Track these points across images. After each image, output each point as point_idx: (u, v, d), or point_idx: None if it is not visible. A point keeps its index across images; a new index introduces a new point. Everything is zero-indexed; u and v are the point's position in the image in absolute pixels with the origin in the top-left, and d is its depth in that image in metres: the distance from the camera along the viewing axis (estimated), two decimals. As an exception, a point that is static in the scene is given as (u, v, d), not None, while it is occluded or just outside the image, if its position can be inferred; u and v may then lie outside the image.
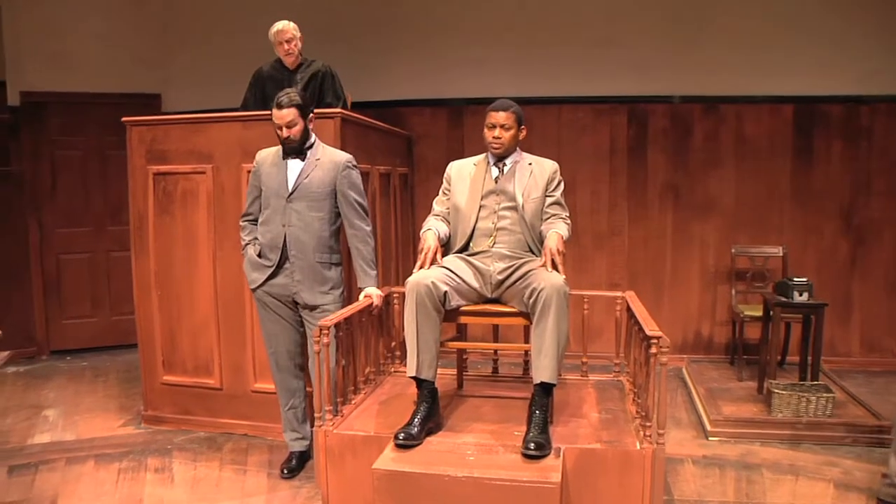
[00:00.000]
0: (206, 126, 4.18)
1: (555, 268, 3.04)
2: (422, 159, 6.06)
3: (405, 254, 5.48)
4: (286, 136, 3.45)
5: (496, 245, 3.29)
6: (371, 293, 3.57)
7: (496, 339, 3.97)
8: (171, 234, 4.28)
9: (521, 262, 3.22)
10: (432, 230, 3.33)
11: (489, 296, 3.27)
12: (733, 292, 5.58)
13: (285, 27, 4.52)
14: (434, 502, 2.69)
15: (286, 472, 3.67)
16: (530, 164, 3.42)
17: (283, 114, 3.41)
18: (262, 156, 3.62)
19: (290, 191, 3.49)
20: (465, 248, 3.35)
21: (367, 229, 3.62)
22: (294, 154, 3.51)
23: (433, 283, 3.04)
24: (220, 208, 4.17)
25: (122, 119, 4.31)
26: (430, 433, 3.03)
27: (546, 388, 2.97)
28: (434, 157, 5.94)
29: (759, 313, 5.04)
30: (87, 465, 3.91)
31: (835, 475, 3.70)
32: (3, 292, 5.99)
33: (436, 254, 3.23)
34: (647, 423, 2.91)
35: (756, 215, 5.72)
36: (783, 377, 4.81)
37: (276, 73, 4.67)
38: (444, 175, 3.55)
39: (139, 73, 6.21)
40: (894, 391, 4.97)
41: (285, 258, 3.51)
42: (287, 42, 4.54)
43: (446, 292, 3.09)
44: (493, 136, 3.33)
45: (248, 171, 4.03)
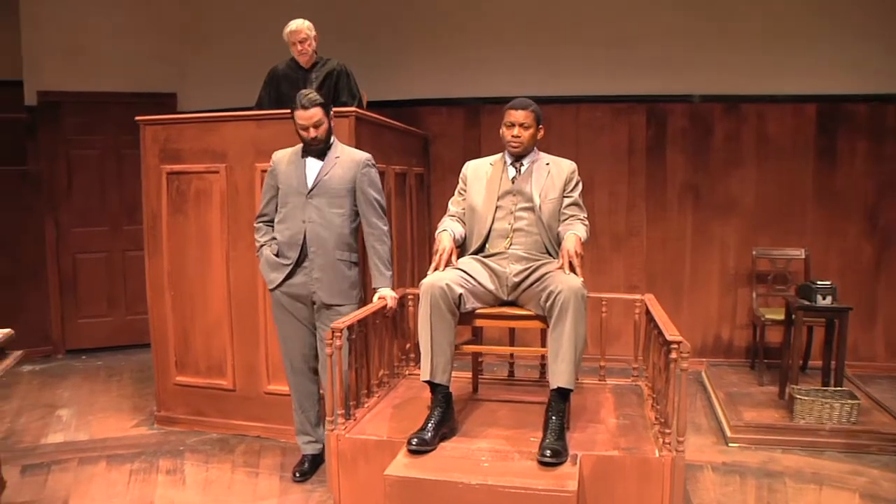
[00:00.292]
0: (219, 125, 4.15)
1: (572, 270, 2.97)
2: (438, 159, 6.00)
3: (420, 254, 5.43)
4: (313, 137, 3.41)
5: (512, 246, 3.23)
6: (385, 295, 3.52)
7: (512, 342, 3.91)
8: (184, 233, 4.25)
9: (538, 264, 3.15)
10: (447, 231, 3.27)
11: (505, 298, 3.20)
12: (754, 295, 5.48)
13: (299, 27, 4.47)
14: (447, 510, 2.64)
15: (298, 475, 3.63)
16: (548, 164, 3.35)
17: (309, 114, 3.37)
18: (279, 155, 3.58)
19: (311, 187, 3.45)
20: (480, 250, 3.29)
21: (385, 229, 3.58)
22: (318, 153, 3.47)
23: (448, 285, 2.98)
24: (234, 208, 4.14)
25: (136, 118, 4.29)
26: (444, 438, 2.97)
27: (563, 394, 2.90)
28: (450, 156, 5.88)
29: (780, 317, 4.93)
30: (99, 466, 3.90)
31: (861, 485, 3.60)
32: (20, 291, 6.02)
33: (451, 255, 3.17)
34: (667, 429, 2.84)
35: (777, 217, 5.62)
36: (805, 382, 4.71)
37: (290, 72, 4.63)
38: (460, 175, 3.49)
39: (155, 72, 6.21)
40: (921, 398, 4.85)
41: (304, 255, 3.46)
42: (301, 42, 4.49)
43: (461, 295, 3.02)
44: (512, 135, 3.27)
45: (263, 171, 4.01)
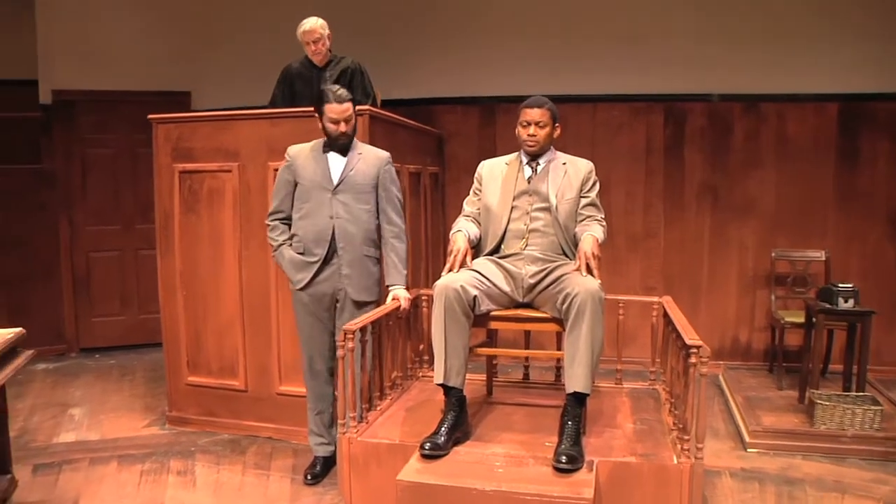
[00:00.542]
0: (232, 123, 4.12)
1: (589, 272, 2.91)
2: (453, 158, 5.95)
3: (435, 255, 5.37)
4: (343, 131, 3.37)
5: (528, 247, 3.18)
6: (399, 295, 3.47)
7: (527, 344, 3.85)
8: (196, 233, 4.22)
9: (555, 265, 3.09)
10: (462, 231, 3.22)
11: (520, 300, 3.15)
12: (773, 297, 5.39)
13: (313, 27, 4.42)
14: (461, 516, 2.59)
15: (310, 478, 3.58)
16: (564, 163, 3.30)
17: (343, 108, 3.34)
18: (296, 150, 3.52)
19: (337, 182, 3.40)
20: (496, 251, 3.24)
21: (403, 227, 3.54)
22: (341, 149, 3.43)
23: (462, 286, 2.93)
24: (247, 207, 4.10)
25: (149, 116, 4.27)
26: (458, 443, 2.92)
27: (579, 399, 2.84)
28: (465, 155, 5.82)
29: (800, 320, 4.85)
30: (110, 466, 3.87)
31: (885, 493, 3.51)
32: (34, 289, 6.03)
33: (465, 256, 3.13)
34: (685, 436, 2.78)
35: (797, 218, 5.52)
36: (826, 387, 4.62)
37: (304, 70, 4.59)
38: (475, 174, 3.44)
39: (169, 71, 6.19)
40: (944, 403, 4.75)
41: (333, 251, 3.40)
42: (315, 42, 4.45)
43: (476, 296, 2.98)
44: (528, 134, 3.21)
45: (275, 170, 3.96)
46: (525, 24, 5.79)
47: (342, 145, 3.43)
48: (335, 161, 3.44)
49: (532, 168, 3.29)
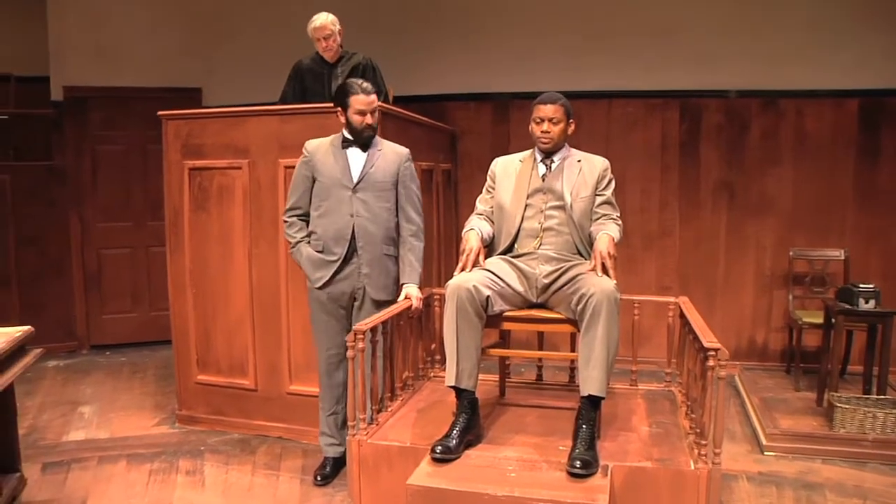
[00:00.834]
0: (242, 120, 4.07)
1: (605, 272, 2.85)
2: (466, 155, 5.89)
3: (447, 254, 5.32)
4: (370, 123, 3.32)
5: (542, 246, 3.11)
6: (411, 294, 3.41)
7: (541, 345, 3.78)
8: (206, 230, 4.19)
9: (569, 265, 3.03)
10: (475, 230, 3.16)
11: (534, 300, 3.09)
12: (790, 297, 5.30)
13: (324, 23, 4.36)
14: (472, 521, 2.53)
15: (320, 479, 3.53)
16: (579, 160, 3.23)
17: (370, 99, 3.30)
18: (314, 145, 3.45)
19: (357, 180, 3.34)
20: (509, 250, 3.18)
21: (422, 225, 3.50)
22: (362, 144, 3.37)
23: (475, 286, 2.88)
24: (257, 205, 4.06)
25: (158, 113, 4.23)
26: (470, 446, 2.86)
27: (594, 402, 2.78)
28: (478, 152, 5.76)
29: (818, 320, 4.76)
30: (118, 465, 3.84)
31: (907, 500, 3.44)
32: (45, 286, 6.04)
33: (478, 255, 3.07)
34: (703, 440, 2.71)
35: (816, 216, 5.41)
36: (845, 389, 4.54)
37: (315, 66, 4.54)
38: (489, 172, 3.38)
39: (180, 67, 6.16)
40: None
41: (353, 250, 3.35)
42: (326, 39, 4.39)
43: (489, 297, 2.92)
44: (542, 131, 3.15)
45: (286, 167, 3.94)
46: (538, 20, 5.71)
47: (366, 139, 3.37)
48: (355, 157, 3.38)
49: (546, 165, 3.22)
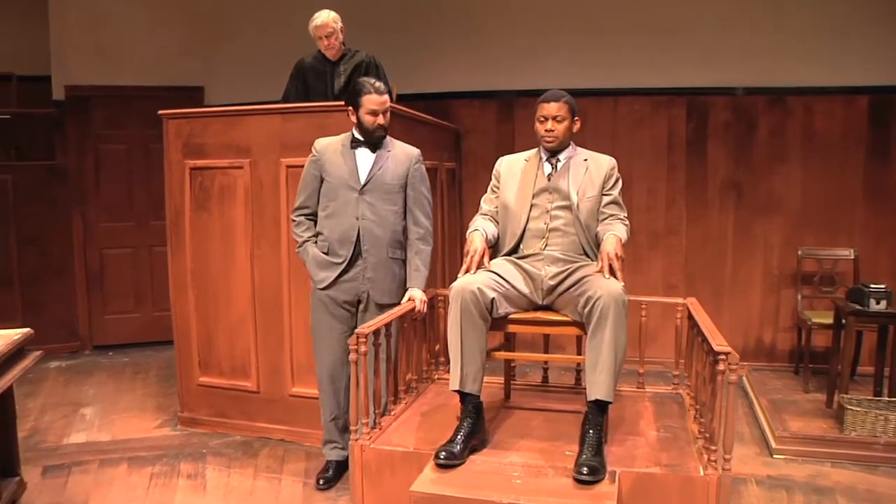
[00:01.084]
0: (244, 119, 4.02)
1: (612, 274, 2.79)
2: (470, 154, 5.83)
3: (452, 254, 5.26)
4: (381, 123, 3.27)
5: (548, 247, 3.06)
6: (415, 296, 3.36)
7: (547, 347, 3.73)
8: (207, 230, 4.14)
9: (576, 266, 2.97)
10: (479, 231, 3.10)
11: (540, 302, 3.03)
12: (799, 297, 5.23)
13: (325, 21, 4.30)
14: (477, 529, 2.48)
15: (322, 482, 3.48)
16: (585, 159, 3.17)
17: (383, 98, 3.25)
18: (323, 144, 3.38)
19: (364, 182, 3.29)
20: (514, 251, 3.12)
21: (430, 229, 3.44)
22: (373, 144, 3.32)
23: (479, 288, 2.82)
24: (258, 204, 4.01)
25: (159, 112, 4.19)
26: (474, 451, 2.81)
27: (601, 407, 2.72)
28: (483, 151, 5.71)
29: (828, 321, 4.69)
30: (119, 469, 3.80)
31: (920, 505, 3.38)
32: (48, 286, 6.01)
33: (483, 256, 3.01)
34: (712, 446, 2.65)
35: (825, 215, 5.35)
36: (855, 390, 4.48)
37: (318, 64, 4.49)
38: (493, 171, 3.33)
39: (182, 66, 6.12)
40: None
41: (358, 254, 3.29)
42: (328, 37, 4.33)
43: (493, 299, 2.86)
44: (546, 130, 3.09)
45: (288, 167, 3.90)
46: (544, 17, 5.65)
47: (377, 139, 3.31)
48: (363, 158, 3.32)
49: (552, 164, 3.17)
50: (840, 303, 4.43)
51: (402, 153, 3.39)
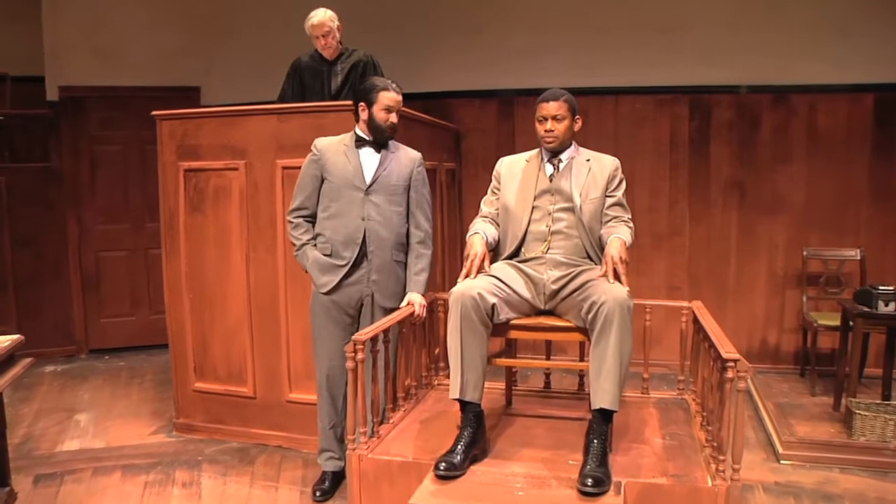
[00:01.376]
0: (239, 119, 3.95)
1: (617, 278, 2.71)
2: (470, 154, 5.75)
3: (452, 256, 5.18)
4: (394, 122, 3.20)
5: (550, 250, 2.97)
6: (414, 300, 3.28)
7: (549, 352, 3.64)
8: (202, 233, 4.07)
9: (579, 270, 2.89)
10: (479, 234, 3.02)
11: (542, 307, 2.95)
12: (804, 298, 5.15)
13: (322, 20, 4.22)
14: (478, 542, 2.40)
15: (318, 494, 3.38)
16: (588, 160, 3.09)
17: (400, 98, 3.23)
18: (324, 143, 3.29)
19: (370, 182, 3.21)
20: (515, 254, 3.04)
21: (431, 232, 3.38)
22: (378, 144, 3.24)
23: (480, 294, 2.74)
24: (254, 207, 3.94)
25: (152, 113, 4.11)
26: (475, 461, 2.73)
27: (606, 415, 2.64)
28: (483, 151, 5.64)
29: (834, 322, 4.62)
30: (113, 477, 3.73)
31: (931, 512, 3.30)
32: (43, 289, 5.94)
33: (483, 260, 2.92)
34: (721, 455, 2.57)
35: (830, 215, 5.27)
36: (863, 394, 4.39)
37: (314, 63, 4.41)
38: (494, 172, 3.24)
39: (178, 65, 6.04)
40: None
41: (363, 255, 3.21)
42: (325, 36, 4.25)
43: (494, 304, 2.78)
44: (546, 130, 3.01)
45: (284, 168, 3.82)
46: (544, 15, 5.57)
47: (386, 139, 3.25)
48: (368, 158, 3.24)
49: (554, 165, 3.08)
50: (847, 305, 4.36)
51: (405, 155, 3.33)
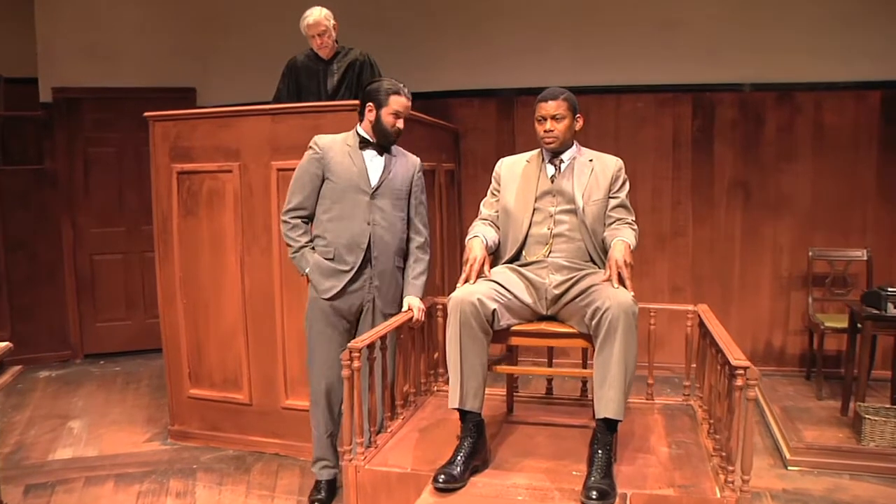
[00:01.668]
0: (233, 120, 3.86)
1: (621, 283, 2.62)
2: (470, 154, 5.67)
3: (451, 259, 5.08)
4: (400, 127, 3.12)
5: (552, 254, 2.88)
6: (413, 305, 3.19)
7: (551, 358, 3.55)
8: (196, 237, 3.99)
9: (582, 274, 2.80)
10: (479, 237, 2.93)
11: (544, 313, 2.86)
12: (810, 300, 5.06)
13: (317, 19, 4.13)
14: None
15: (315, 504, 3.31)
16: (591, 160, 3.00)
17: (409, 104, 3.14)
18: (326, 142, 3.16)
19: (376, 185, 3.11)
20: (516, 258, 2.95)
21: (428, 239, 3.31)
22: (382, 147, 3.15)
23: (480, 300, 2.65)
24: (248, 210, 3.86)
25: (144, 114, 4.03)
26: (476, 472, 2.63)
27: (610, 425, 2.55)
28: (483, 151, 5.56)
29: (841, 324, 4.53)
30: (106, 487, 3.64)
31: (945, 520, 3.22)
32: (37, 293, 5.87)
33: (483, 265, 2.83)
34: (730, 466, 2.48)
35: (836, 215, 5.18)
36: (871, 397, 4.31)
37: (310, 63, 4.33)
38: (493, 174, 3.15)
39: (174, 66, 5.96)
40: None
41: (367, 261, 3.11)
42: (320, 35, 4.17)
43: (495, 310, 2.69)
44: (545, 130, 2.92)
45: (279, 170, 3.73)
46: (544, 12, 5.49)
47: (390, 143, 3.16)
48: (372, 161, 3.15)
49: (555, 166, 2.99)
50: (856, 307, 4.27)
51: (405, 160, 3.25)
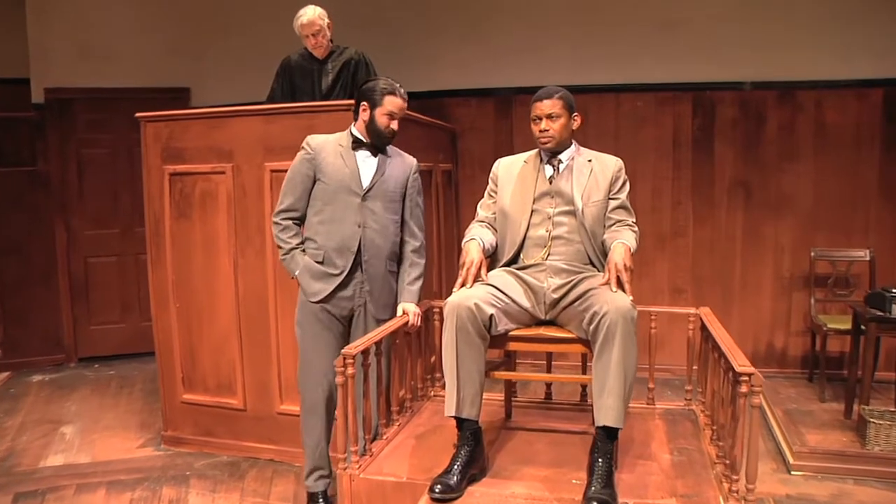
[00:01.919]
0: (225, 121, 3.80)
1: (620, 287, 2.56)
2: (467, 154, 5.61)
3: (448, 261, 5.01)
4: (395, 129, 3.03)
5: (551, 257, 2.82)
6: (408, 309, 3.12)
7: (550, 363, 3.48)
8: (189, 239, 3.93)
9: (580, 277, 2.74)
10: (476, 240, 2.86)
11: (542, 317, 2.79)
12: (812, 301, 5.00)
13: (311, 19, 4.06)
14: (477, 570, 2.26)
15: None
16: (590, 160, 2.93)
17: (405, 105, 3.05)
18: (319, 142, 3.08)
19: (368, 187, 3.03)
20: (514, 261, 2.89)
21: (424, 243, 3.22)
22: (376, 148, 3.07)
23: (476, 304, 2.58)
24: (242, 211, 3.80)
25: (136, 115, 3.97)
26: (473, 481, 2.57)
27: (610, 433, 2.49)
28: (480, 151, 5.50)
29: (844, 326, 4.48)
30: (97, 495, 3.58)
31: (952, 527, 3.15)
32: (31, 296, 5.82)
33: (480, 268, 2.76)
34: (734, 475, 2.42)
35: (838, 215, 5.12)
36: (874, 399, 4.25)
37: (305, 62, 4.26)
38: (490, 174, 3.08)
39: (167, 66, 5.89)
40: None
41: (357, 264, 3.03)
42: (315, 35, 4.11)
43: (492, 315, 2.62)
44: (541, 130, 2.85)
45: (273, 171, 3.67)
46: (542, 11, 5.42)
47: (384, 144, 3.08)
48: (365, 161, 3.06)
49: (553, 166, 2.93)
50: (859, 308, 4.21)
51: (401, 161, 3.16)
